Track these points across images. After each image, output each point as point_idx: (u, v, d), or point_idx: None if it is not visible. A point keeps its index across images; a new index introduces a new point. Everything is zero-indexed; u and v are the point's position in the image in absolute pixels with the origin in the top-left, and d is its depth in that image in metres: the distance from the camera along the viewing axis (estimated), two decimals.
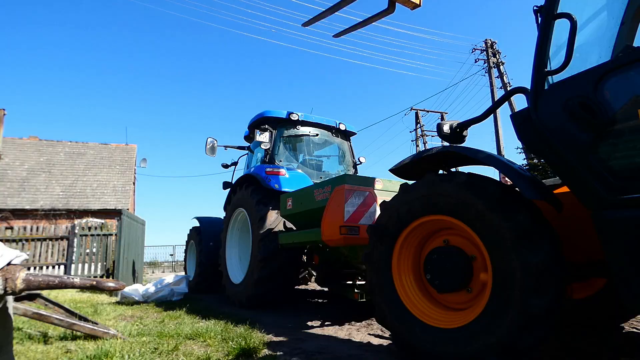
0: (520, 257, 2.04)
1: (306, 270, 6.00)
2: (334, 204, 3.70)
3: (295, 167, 5.96)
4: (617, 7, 2.74)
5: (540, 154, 2.20)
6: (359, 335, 3.56)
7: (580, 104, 1.97)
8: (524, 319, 2.01)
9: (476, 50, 19.28)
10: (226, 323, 3.83)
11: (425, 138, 26.87)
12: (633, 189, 1.79)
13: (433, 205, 2.50)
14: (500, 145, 17.40)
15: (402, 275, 2.76)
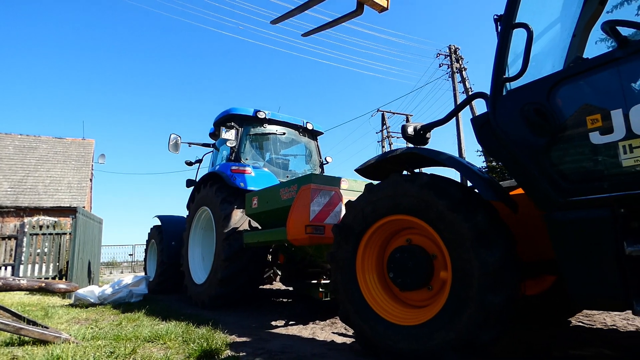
0: (478, 255, 2.12)
1: (271, 269, 5.96)
2: (300, 203, 3.70)
3: (262, 165, 5.90)
4: (569, 20, 2.91)
5: (498, 156, 2.29)
6: (323, 334, 3.58)
7: (534, 109, 2.08)
8: (481, 315, 2.09)
9: (440, 55, 19.90)
10: (187, 324, 3.73)
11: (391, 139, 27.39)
12: (580, 191, 1.91)
13: (397, 205, 2.55)
14: (462, 148, 18.03)
15: (365, 274, 2.80)
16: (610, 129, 1.82)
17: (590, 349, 2.73)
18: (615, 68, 1.85)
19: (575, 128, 1.95)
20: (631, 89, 1.82)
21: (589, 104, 1.94)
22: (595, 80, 1.94)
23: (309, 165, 6.60)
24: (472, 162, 2.72)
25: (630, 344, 2.84)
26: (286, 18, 3.54)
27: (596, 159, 1.88)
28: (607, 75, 1.88)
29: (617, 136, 1.80)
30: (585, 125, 1.91)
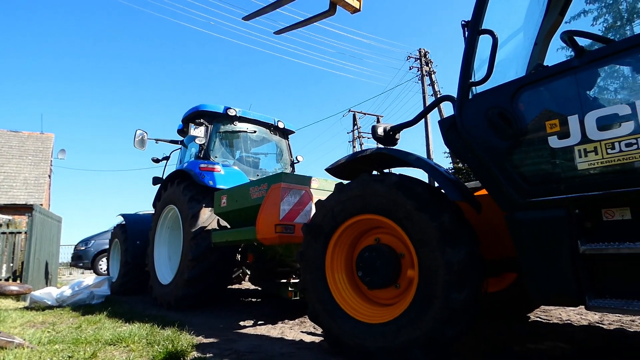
0: (444, 254, 2.17)
1: (240, 269, 5.89)
2: (270, 202, 3.67)
3: (231, 163, 5.82)
4: (531, 29, 3.03)
5: (464, 158, 2.37)
6: (291, 333, 3.57)
7: (498, 113, 2.15)
8: (446, 312, 2.15)
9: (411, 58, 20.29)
10: (152, 326, 3.63)
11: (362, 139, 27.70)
12: (540, 192, 2.00)
13: (366, 204, 2.58)
14: (430, 149, 18.48)
15: (334, 273, 2.81)
16: (567, 133, 1.91)
17: (547, 343, 2.87)
18: (573, 76, 1.95)
19: (536, 132, 2.04)
20: (587, 97, 1.93)
21: (549, 110, 2.03)
22: (554, 87, 2.04)
23: (279, 164, 6.57)
24: (439, 164, 2.79)
25: (583, 338, 3.00)
26: (258, 15, 3.50)
27: (554, 162, 1.97)
28: (565, 82, 1.98)
29: (573, 141, 1.89)
30: (544, 129, 2.00)
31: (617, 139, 1.77)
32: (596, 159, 1.82)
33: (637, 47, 1.78)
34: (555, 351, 2.66)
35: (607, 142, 1.79)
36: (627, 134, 1.74)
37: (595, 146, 1.83)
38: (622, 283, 1.82)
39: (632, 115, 1.73)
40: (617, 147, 1.77)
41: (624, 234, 1.81)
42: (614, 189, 1.77)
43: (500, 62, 2.74)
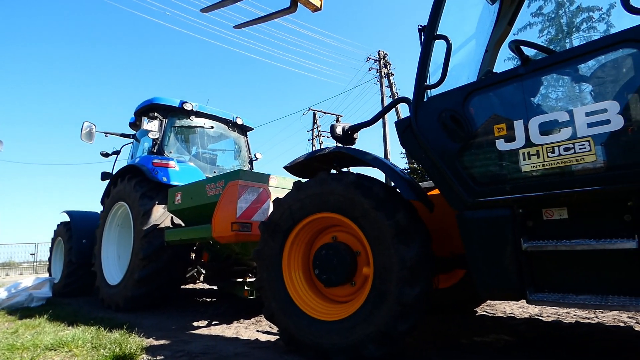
0: (397, 251, 2.24)
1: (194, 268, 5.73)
2: (227, 199, 3.60)
3: (187, 159, 5.64)
4: (483, 37, 3.19)
5: (418, 159, 2.44)
6: (247, 332, 3.52)
7: (451, 116, 2.24)
8: (399, 308, 2.21)
9: (370, 59, 20.65)
10: (98, 329, 3.44)
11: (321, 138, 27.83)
12: (487, 193, 2.11)
13: (324, 203, 2.60)
14: (387, 149, 18.91)
15: (291, 271, 2.81)
16: (513, 137, 2.03)
17: (491, 336, 3.03)
18: (519, 83, 2.07)
19: (485, 135, 2.14)
20: (531, 103, 2.05)
21: (497, 114, 2.14)
22: (502, 93, 2.16)
23: (237, 161, 6.45)
24: (395, 164, 2.86)
25: (524, 330, 3.20)
26: (217, 7, 3.42)
27: (501, 164, 2.08)
28: (512, 89, 2.10)
29: (518, 144, 2.01)
30: (492, 133, 2.11)
31: (557, 143, 1.89)
32: (538, 162, 1.95)
33: (575, 59, 1.92)
34: (499, 343, 2.81)
35: (548, 146, 1.92)
36: (566, 139, 1.87)
37: (538, 150, 1.95)
38: (558, 278, 1.96)
39: (570, 121, 1.87)
40: (556, 151, 1.89)
41: (562, 232, 1.95)
42: (554, 190, 1.90)
43: (454, 67, 2.85)
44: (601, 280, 1.85)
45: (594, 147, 1.80)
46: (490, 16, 3.16)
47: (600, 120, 1.78)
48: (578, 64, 1.95)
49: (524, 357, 2.45)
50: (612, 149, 1.77)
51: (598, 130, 1.79)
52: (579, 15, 6.80)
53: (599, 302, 1.76)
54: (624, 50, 1.79)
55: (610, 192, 1.77)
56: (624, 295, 1.76)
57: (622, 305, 1.71)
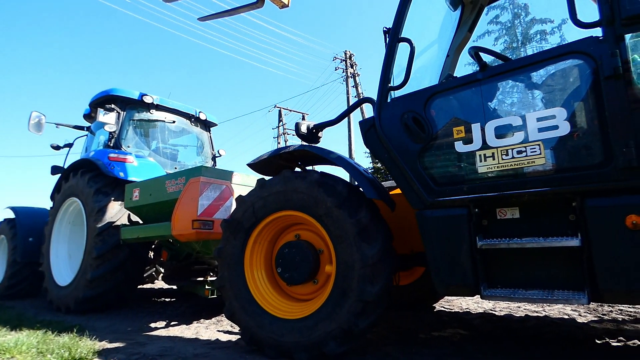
0: (360, 249, 2.27)
1: (153, 267, 5.53)
2: (188, 196, 3.51)
3: (147, 154, 5.43)
4: (444, 42, 3.29)
5: (381, 158, 2.49)
6: (207, 333, 3.45)
7: (412, 118, 2.30)
8: (360, 305, 2.25)
9: (337, 59, 20.78)
10: (45, 333, 3.24)
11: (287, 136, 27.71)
12: (445, 193, 2.18)
13: (287, 201, 2.59)
14: (352, 149, 19.14)
15: (254, 270, 2.78)
16: (471, 139, 2.11)
17: (448, 330, 3.14)
18: (477, 88, 2.16)
19: (444, 137, 2.22)
20: (488, 107, 2.14)
21: (456, 117, 2.22)
22: (462, 97, 2.24)
23: (200, 157, 6.29)
24: (359, 163, 2.90)
25: (479, 324, 3.35)
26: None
27: (459, 165, 2.16)
28: (470, 93, 2.18)
29: (475, 146, 2.10)
30: (452, 135, 2.18)
31: (511, 146, 1.99)
32: (493, 164, 2.04)
33: (528, 67, 2.03)
34: (455, 337, 2.92)
35: (503, 149, 2.02)
36: (519, 143, 1.97)
37: (493, 152, 2.04)
38: (510, 274, 2.07)
39: (522, 126, 1.97)
40: (510, 154, 1.99)
41: (514, 230, 2.05)
42: (507, 191, 2.00)
43: (418, 70, 2.93)
44: (548, 276, 1.96)
45: (543, 151, 1.91)
46: (452, 22, 3.27)
47: (549, 126, 1.90)
48: (531, 71, 2.06)
49: (477, 349, 2.57)
50: (559, 153, 1.89)
51: (547, 135, 1.90)
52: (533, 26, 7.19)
53: (546, 296, 1.88)
54: (572, 61, 1.91)
55: (557, 193, 1.88)
56: (568, 290, 1.88)
57: (566, 299, 1.82)
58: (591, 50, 1.80)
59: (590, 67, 1.82)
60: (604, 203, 1.77)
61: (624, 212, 1.70)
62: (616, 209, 1.73)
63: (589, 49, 1.81)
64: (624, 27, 1.73)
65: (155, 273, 5.79)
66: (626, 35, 1.74)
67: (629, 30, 1.73)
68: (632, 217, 1.68)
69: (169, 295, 6.23)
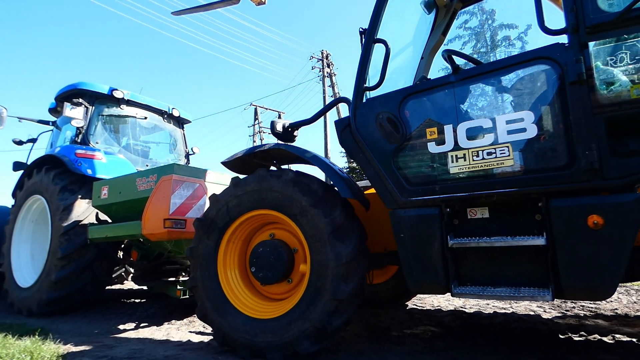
0: (334, 248, 2.28)
1: (122, 267, 5.37)
2: (160, 194, 3.42)
3: (116, 151, 5.26)
4: (419, 44, 3.35)
5: (356, 158, 2.50)
6: (178, 334, 3.38)
7: (387, 118, 2.33)
8: (334, 304, 2.25)
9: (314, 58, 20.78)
10: (5, 337, 3.09)
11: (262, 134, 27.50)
12: (418, 193, 2.22)
13: (262, 200, 2.57)
14: (328, 148, 19.20)
15: (227, 270, 2.74)
16: (443, 141, 2.16)
17: (420, 327, 3.20)
18: (450, 90, 2.20)
19: (418, 138, 2.26)
20: (460, 109, 2.19)
21: (429, 118, 2.26)
22: (435, 99, 2.28)
23: (173, 154, 6.15)
24: (334, 162, 2.91)
25: (449, 321, 3.42)
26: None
27: (432, 166, 2.20)
28: (444, 95, 2.23)
29: (447, 147, 2.14)
30: (425, 136, 2.22)
31: (481, 148, 2.05)
32: (465, 165, 2.09)
33: (498, 70, 2.09)
34: (426, 334, 2.98)
35: (474, 150, 2.07)
36: (489, 144, 2.03)
37: (465, 153, 2.09)
38: (479, 273, 2.12)
39: (492, 128, 2.03)
40: (480, 155, 2.05)
41: (483, 230, 2.11)
42: (477, 191, 2.05)
43: (393, 71, 2.97)
44: (515, 274, 2.03)
45: (512, 153, 1.97)
46: (426, 25, 3.33)
47: (517, 128, 1.96)
48: (501, 75, 2.12)
49: (447, 346, 2.63)
50: (527, 155, 1.95)
51: (516, 137, 1.96)
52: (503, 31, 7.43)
53: (513, 293, 1.94)
54: (540, 66, 1.98)
55: (525, 193, 1.95)
56: (534, 287, 1.95)
57: (532, 296, 1.89)
58: (557, 56, 1.87)
59: (556, 73, 1.89)
60: (567, 203, 1.84)
61: (586, 212, 1.78)
62: (579, 209, 1.80)
63: (555, 55, 1.88)
64: (588, 35, 1.81)
65: (124, 273, 5.62)
66: (590, 42, 1.81)
67: (592, 38, 1.81)
68: (594, 217, 1.76)
69: (139, 296, 6.06)
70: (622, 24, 1.74)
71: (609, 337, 2.70)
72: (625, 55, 1.75)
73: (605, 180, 1.75)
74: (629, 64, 1.73)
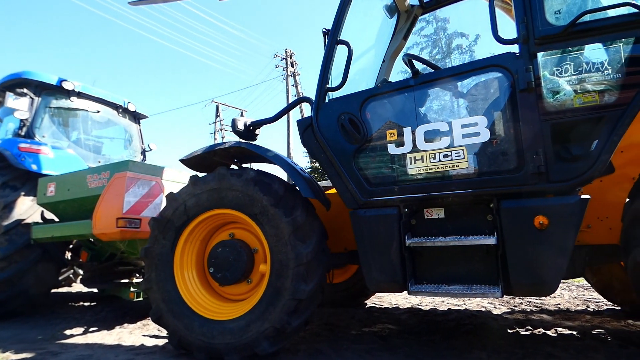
0: (294, 248, 2.27)
1: (70, 269, 5.07)
2: (113, 192, 3.27)
3: (65, 146, 4.96)
4: (381, 47, 3.41)
5: (317, 158, 2.51)
6: (131, 338, 3.23)
7: (349, 119, 2.35)
8: (294, 303, 2.25)
9: (278, 57, 20.66)
10: None
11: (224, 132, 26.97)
12: (378, 193, 2.26)
13: (222, 199, 2.51)
14: (290, 148, 19.15)
15: (184, 270, 2.66)
16: (403, 143, 2.21)
17: (378, 325, 3.26)
18: (410, 93, 2.26)
19: (378, 139, 2.30)
20: (419, 112, 2.25)
21: (390, 120, 2.31)
22: (395, 101, 2.33)
23: (128, 151, 5.89)
24: (296, 162, 2.90)
25: (406, 318, 3.52)
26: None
27: (391, 167, 2.25)
28: (403, 98, 2.28)
29: (406, 149, 2.20)
30: (385, 137, 2.27)
31: (438, 150, 2.12)
32: (422, 166, 2.15)
33: (455, 76, 2.17)
34: (384, 332, 3.04)
35: (431, 153, 2.13)
36: (445, 147, 2.10)
37: (422, 155, 2.16)
38: (435, 271, 2.20)
39: (449, 131, 2.10)
40: (437, 157, 2.12)
41: (439, 229, 2.18)
42: (434, 192, 2.12)
43: (357, 72, 3.00)
44: (468, 272, 2.12)
45: (466, 155, 2.05)
46: (388, 29, 3.40)
47: (472, 132, 2.04)
48: (457, 81, 2.21)
49: (403, 343, 2.69)
50: (480, 158, 2.04)
51: (470, 141, 2.05)
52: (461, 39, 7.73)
53: (466, 291, 2.02)
54: (493, 74, 2.08)
55: (478, 195, 2.04)
56: (485, 285, 2.05)
57: (483, 293, 1.98)
58: (509, 64, 1.97)
59: (508, 80, 1.99)
60: (516, 205, 1.94)
61: (532, 213, 1.88)
62: (526, 211, 1.91)
63: (507, 64, 1.98)
64: (537, 46, 1.92)
65: (72, 275, 5.31)
66: (539, 53, 1.92)
67: (541, 49, 1.92)
68: (540, 218, 1.87)
69: (88, 299, 5.75)
70: (567, 37, 1.86)
71: (552, 331, 2.88)
72: (570, 66, 1.87)
73: (551, 183, 1.86)
74: (573, 74, 1.85)
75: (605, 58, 1.81)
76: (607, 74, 1.79)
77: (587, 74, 1.82)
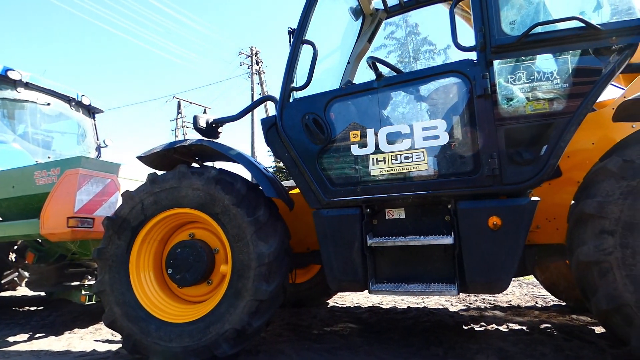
0: (256, 248, 2.24)
1: (15, 271, 4.75)
2: (63, 190, 3.09)
3: (11, 140, 4.64)
4: (346, 49, 3.44)
5: (281, 157, 2.49)
6: (81, 344, 3.07)
7: (313, 120, 2.35)
8: (255, 304, 2.22)
9: (243, 54, 20.35)
10: None
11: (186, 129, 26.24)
12: (341, 193, 2.28)
13: (181, 198, 2.44)
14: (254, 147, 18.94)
15: (140, 272, 2.56)
16: (365, 144, 2.24)
17: (340, 325, 3.29)
18: (373, 95, 2.30)
19: (342, 140, 2.32)
20: (381, 114, 2.29)
21: (353, 121, 2.33)
22: (359, 103, 2.36)
23: (81, 146, 5.59)
24: (259, 161, 2.87)
25: (367, 317, 3.57)
26: None
27: (354, 168, 2.28)
28: (367, 100, 2.32)
29: (369, 150, 2.23)
30: (349, 138, 2.29)
31: (399, 152, 2.16)
32: (384, 168, 2.19)
33: (417, 80, 2.24)
34: (346, 331, 3.07)
35: (393, 154, 2.18)
36: (406, 149, 2.15)
37: (384, 157, 2.19)
38: (395, 270, 2.24)
39: (410, 134, 2.15)
40: (399, 159, 2.16)
41: (399, 229, 2.23)
42: (395, 193, 2.16)
43: (322, 73, 3.01)
44: (427, 271, 2.18)
45: (426, 158, 2.11)
46: (353, 31, 3.44)
47: (432, 135, 2.11)
48: (419, 85, 2.27)
49: (364, 341, 2.73)
50: (439, 160, 2.11)
51: (430, 143, 2.11)
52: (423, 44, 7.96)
53: (424, 289, 2.08)
54: (453, 79, 2.15)
55: (436, 196, 2.10)
56: (442, 283, 2.12)
57: (440, 291, 2.05)
58: (467, 71, 2.05)
59: (466, 86, 2.07)
60: (471, 206, 2.02)
61: (487, 214, 1.97)
62: (481, 212, 1.99)
63: (466, 70, 2.06)
64: (493, 54, 2.01)
65: (17, 278, 4.97)
66: (495, 61, 2.01)
67: (497, 57, 2.01)
68: (493, 219, 1.95)
69: (34, 303, 5.40)
70: (520, 47, 1.96)
71: (504, 326, 3.03)
72: (523, 75, 1.97)
73: (504, 185, 1.96)
74: (525, 82, 1.96)
75: (554, 68, 1.93)
76: (556, 83, 1.90)
77: (538, 83, 1.93)
